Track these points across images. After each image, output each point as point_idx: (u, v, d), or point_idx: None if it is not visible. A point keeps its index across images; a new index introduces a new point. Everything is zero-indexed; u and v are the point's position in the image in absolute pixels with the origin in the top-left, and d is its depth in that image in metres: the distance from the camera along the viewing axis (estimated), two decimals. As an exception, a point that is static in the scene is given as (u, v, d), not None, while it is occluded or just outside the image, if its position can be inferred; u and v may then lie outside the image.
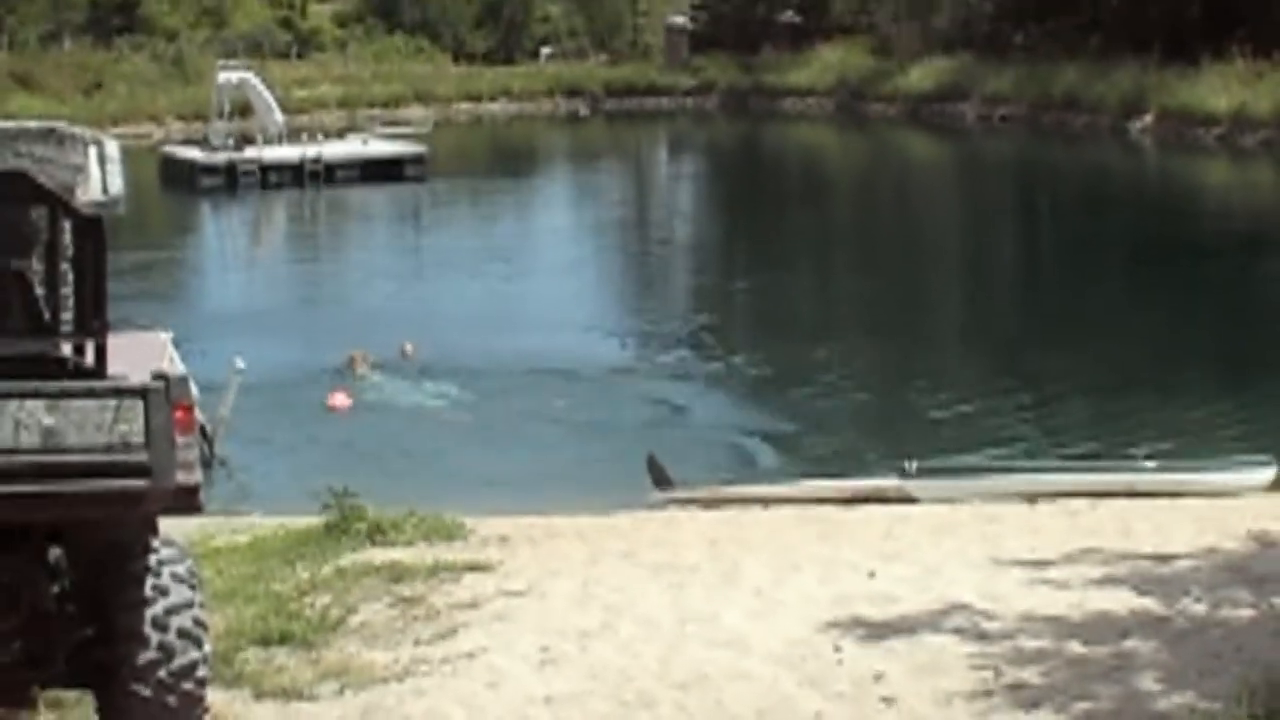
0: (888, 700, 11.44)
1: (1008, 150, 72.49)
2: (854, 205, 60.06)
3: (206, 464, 20.75)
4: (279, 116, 61.16)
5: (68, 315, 10.77)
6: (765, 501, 19.42)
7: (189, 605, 9.66)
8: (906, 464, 19.63)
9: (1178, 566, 14.62)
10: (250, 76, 63.23)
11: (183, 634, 9.57)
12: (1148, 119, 69.80)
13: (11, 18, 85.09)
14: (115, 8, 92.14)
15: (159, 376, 9.36)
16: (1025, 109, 76.95)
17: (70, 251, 10.64)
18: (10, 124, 9.72)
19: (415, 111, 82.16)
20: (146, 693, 9.50)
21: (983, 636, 12.63)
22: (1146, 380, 28.10)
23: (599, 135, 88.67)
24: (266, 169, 58.01)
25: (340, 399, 27.34)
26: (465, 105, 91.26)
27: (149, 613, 9.53)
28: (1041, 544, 15.67)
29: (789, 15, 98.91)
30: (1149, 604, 13.34)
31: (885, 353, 31.49)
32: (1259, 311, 35.12)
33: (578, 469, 23.11)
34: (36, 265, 11.14)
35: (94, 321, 9.98)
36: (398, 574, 14.56)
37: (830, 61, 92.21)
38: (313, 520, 16.77)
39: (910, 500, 18.86)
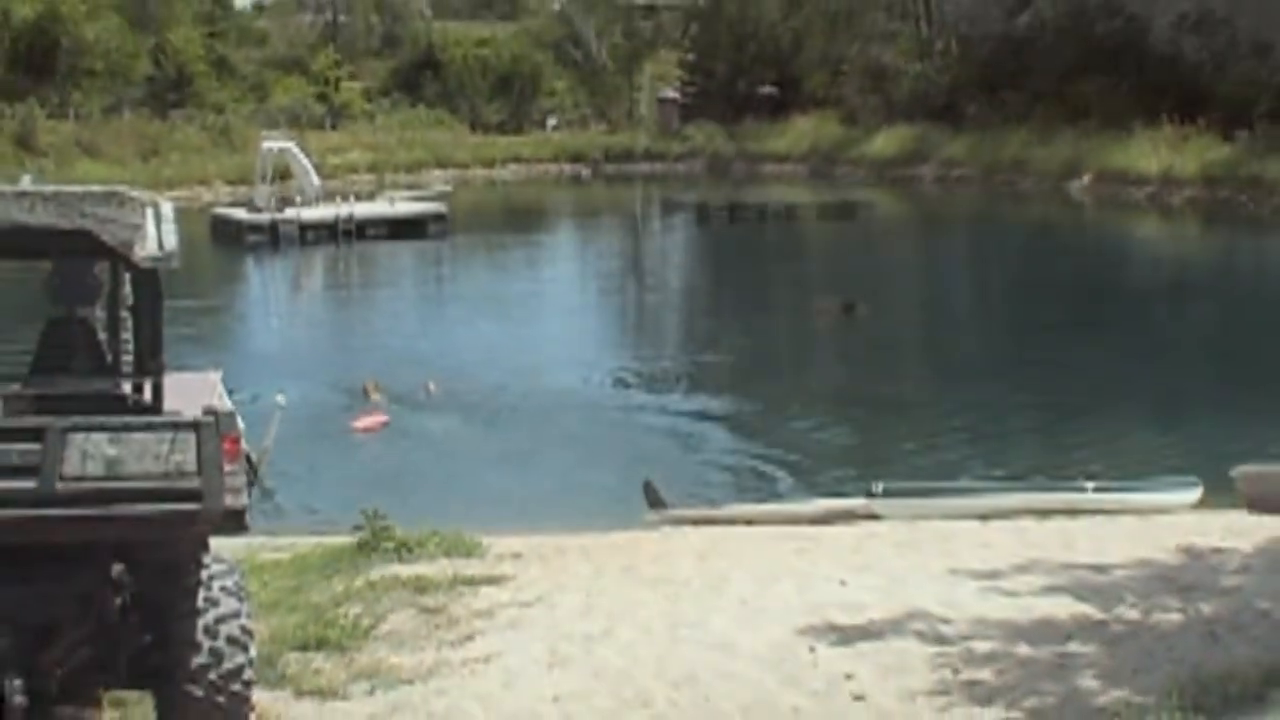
0: (858, 697, 11.43)
1: (962, 207, 72.67)
2: (823, 256, 60.13)
3: (252, 489, 20.74)
4: (315, 180, 61.32)
5: (128, 357, 10.80)
6: (749, 521, 19.39)
7: (237, 615, 9.66)
8: (873, 486, 19.62)
9: (1114, 576, 14.61)
10: (290, 145, 63.43)
11: (231, 640, 9.57)
12: (1086, 180, 70.11)
13: (77, 92, 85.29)
14: (170, 84, 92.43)
15: (209, 412, 9.37)
16: (977, 171, 77.29)
17: (130, 301, 10.67)
18: (77, 188, 9.73)
19: (436, 175, 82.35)
20: (199, 693, 9.49)
21: (942, 640, 12.61)
22: (1086, 411, 28.12)
23: (599, 195, 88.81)
24: (305, 227, 58.10)
25: (363, 422, 27.45)
26: (481, 170, 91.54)
27: (201, 621, 9.53)
28: (993, 557, 15.65)
29: (767, 89, 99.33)
30: (1089, 610, 13.33)
31: (854, 387, 31.49)
32: (1186, 349, 35.21)
33: (582, 493, 23.07)
34: (100, 313, 11.17)
35: (151, 363, 9.99)
36: (422, 586, 14.55)
37: (804, 130, 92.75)
38: (346, 539, 16.75)
39: (876, 518, 18.84)
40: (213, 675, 9.49)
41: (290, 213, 58.67)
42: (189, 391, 10.56)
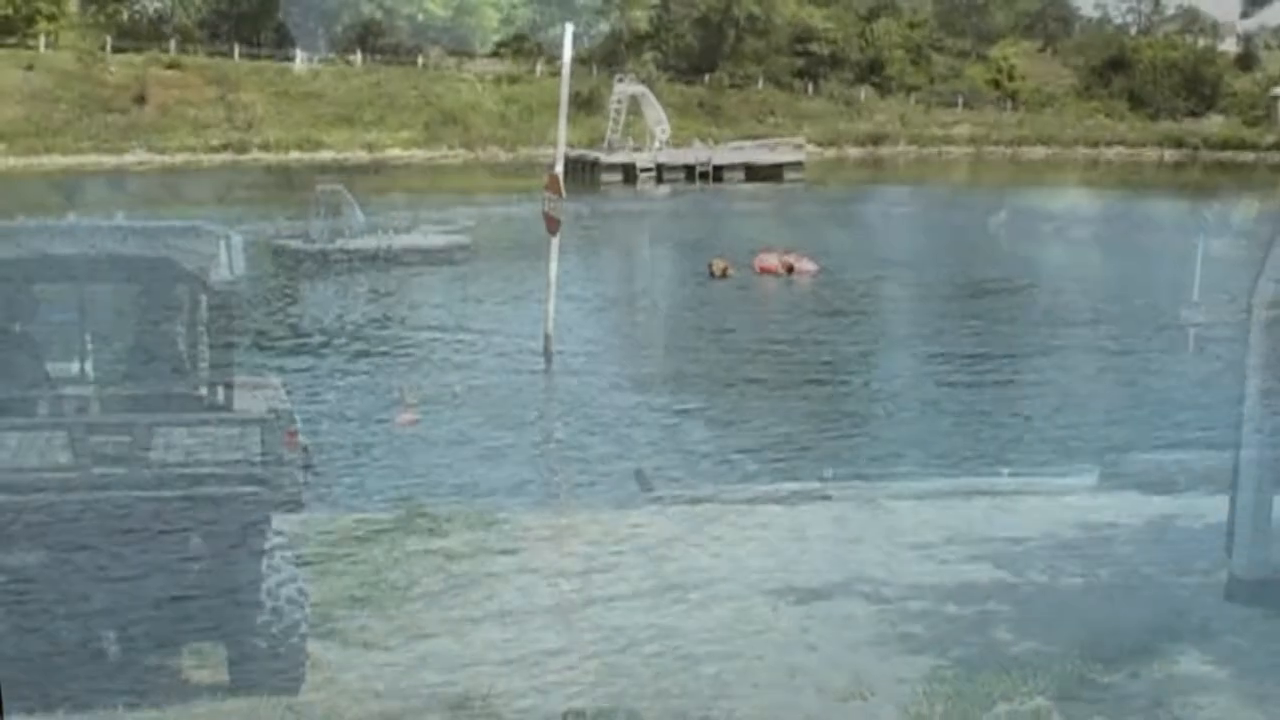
0: (812, 647, 11.48)
1: (902, 236, 72.62)
2: (785, 282, 59.94)
3: (307, 475, 20.68)
4: (361, 216, 61.25)
5: (204, 364, 10.85)
6: (724, 501, 19.40)
7: (294, 579, 9.72)
8: (825, 472, 19.64)
9: (1026, 547, 14.66)
10: (339, 187, 63.38)
11: (289, 600, 9.62)
12: (1003, 215, 70.39)
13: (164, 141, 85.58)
14: (243, 133, 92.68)
15: (272, 410, 9.42)
16: (914, 209, 77.57)
17: (206, 317, 10.72)
18: (163, 223, 9.80)
19: (461, 211, 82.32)
20: (263, 644, 9.54)
21: (882, 600, 12.67)
22: (1000, 409, 28.20)
23: (598, 227, 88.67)
24: (352, 255, 58.08)
25: (405, 418, 27.53)
26: (499, 206, 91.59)
27: (264, 585, 9.57)
28: (926, 531, 15.68)
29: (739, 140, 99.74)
30: (1004, 575, 13.39)
31: (812, 390, 31.53)
32: (1083, 356, 35.28)
33: (583, 478, 23.08)
34: (181, 328, 11.21)
35: (223, 369, 10.04)
36: (448, 555, 14.57)
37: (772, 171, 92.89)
38: (386, 515, 16.77)
39: (829, 499, 18.84)
40: (274, 629, 9.55)
41: (340, 243, 58.63)
42: (254, 393, 10.60)
